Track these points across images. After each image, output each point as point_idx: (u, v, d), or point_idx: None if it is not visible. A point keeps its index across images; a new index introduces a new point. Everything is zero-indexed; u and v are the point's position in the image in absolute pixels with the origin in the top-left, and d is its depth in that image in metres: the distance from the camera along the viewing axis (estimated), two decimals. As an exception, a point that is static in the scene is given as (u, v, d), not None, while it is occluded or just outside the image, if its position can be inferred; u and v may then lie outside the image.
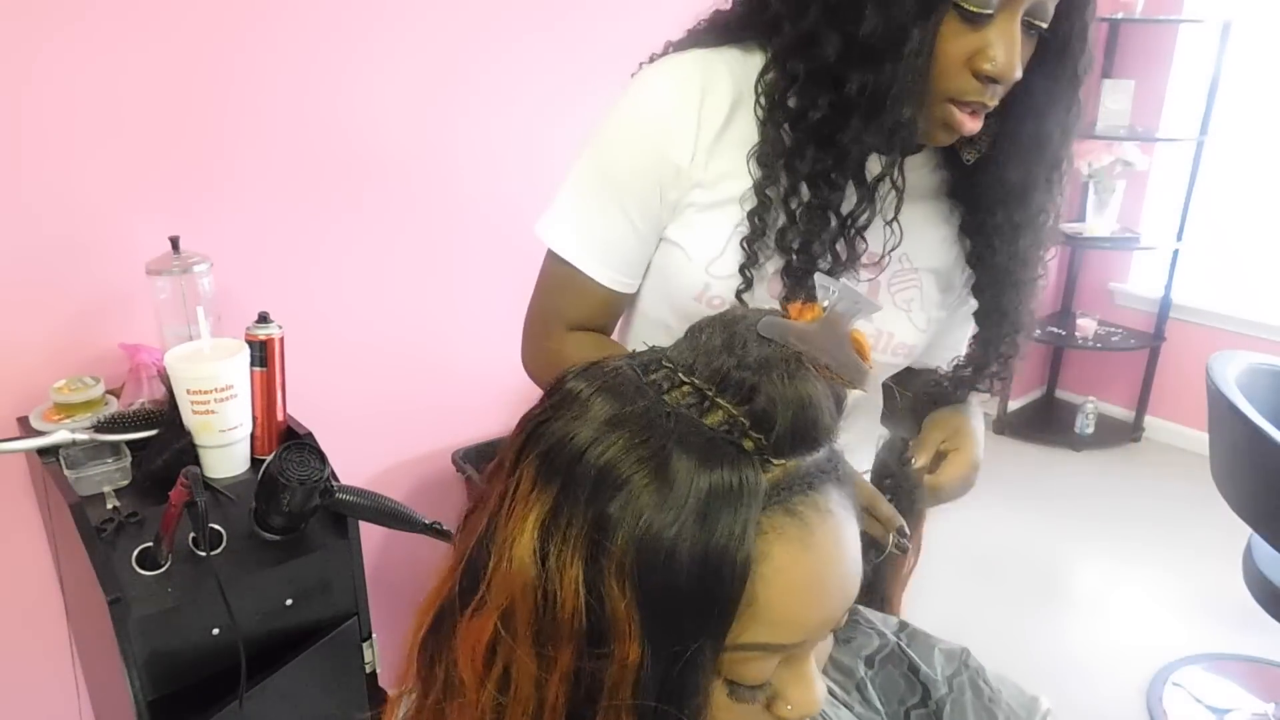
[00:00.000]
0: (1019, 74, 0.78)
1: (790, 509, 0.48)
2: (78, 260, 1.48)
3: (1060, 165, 0.91)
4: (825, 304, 0.53)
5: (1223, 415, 1.85)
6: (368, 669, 1.38)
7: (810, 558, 0.48)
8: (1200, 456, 2.23)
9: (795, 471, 0.49)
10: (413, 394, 1.99)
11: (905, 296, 0.95)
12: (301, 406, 1.47)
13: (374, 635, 1.38)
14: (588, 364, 0.53)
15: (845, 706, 0.67)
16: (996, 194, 0.90)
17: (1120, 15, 3.11)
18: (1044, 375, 3.89)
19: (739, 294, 0.89)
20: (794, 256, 0.85)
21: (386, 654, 1.44)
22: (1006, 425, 3.62)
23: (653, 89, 0.89)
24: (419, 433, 2.03)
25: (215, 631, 1.18)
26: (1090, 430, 3.54)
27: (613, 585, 0.45)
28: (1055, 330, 3.58)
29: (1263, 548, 1.96)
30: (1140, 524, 3.04)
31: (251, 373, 1.32)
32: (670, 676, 0.46)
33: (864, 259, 0.88)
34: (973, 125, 0.81)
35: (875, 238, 0.88)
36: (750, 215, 0.86)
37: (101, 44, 1.43)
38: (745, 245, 0.87)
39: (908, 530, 0.86)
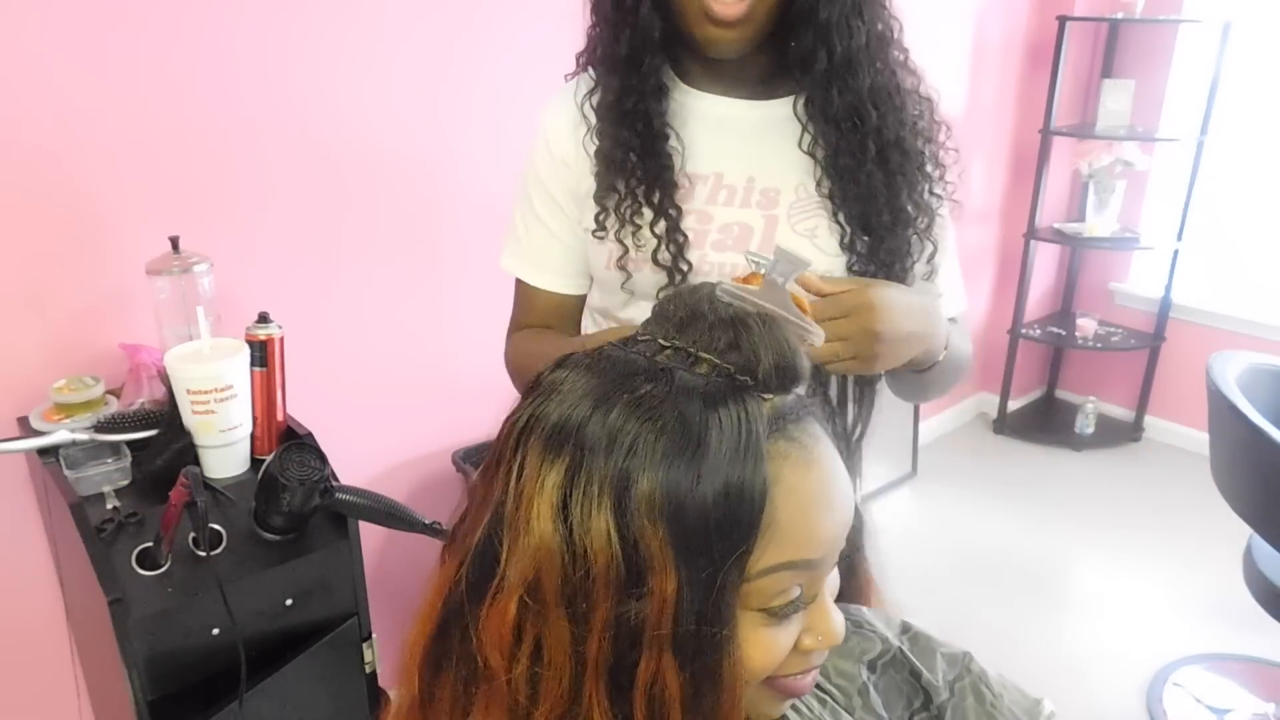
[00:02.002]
0: None
1: (788, 436, 0.52)
2: (78, 260, 1.48)
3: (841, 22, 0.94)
4: (764, 271, 0.63)
5: (1223, 415, 1.85)
6: (368, 669, 1.38)
7: (815, 475, 0.53)
8: (1200, 456, 2.23)
9: (783, 406, 0.54)
10: (413, 394, 1.99)
11: (807, 225, 1.00)
12: (301, 406, 1.47)
13: (374, 635, 1.38)
14: (564, 355, 0.56)
15: (847, 712, 0.67)
16: (820, 77, 0.96)
17: (1120, 15, 3.11)
18: (1044, 375, 3.89)
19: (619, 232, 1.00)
20: (626, 168, 0.98)
21: (386, 654, 1.44)
22: (1006, 425, 3.62)
23: (541, 119, 1.08)
24: (419, 433, 2.03)
25: (215, 631, 1.18)
26: (1090, 430, 3.54)
27: (644, 525, 0.48)
28: (1055, 330, 3.58)
29: (1263, 548, 1.96)
30: (1140, 524, 3.04)
31: (251, 373, 1.32)
32: (706, 603, 0.49)
33: (757, 201, 0.99)
34: (720, 8, 0.90)
35: (737, 175, 1.00)
36: (598, 151, 1.01)
37: (102, 45, 1.43)
38: (599, 186, 1.00)
39: None
